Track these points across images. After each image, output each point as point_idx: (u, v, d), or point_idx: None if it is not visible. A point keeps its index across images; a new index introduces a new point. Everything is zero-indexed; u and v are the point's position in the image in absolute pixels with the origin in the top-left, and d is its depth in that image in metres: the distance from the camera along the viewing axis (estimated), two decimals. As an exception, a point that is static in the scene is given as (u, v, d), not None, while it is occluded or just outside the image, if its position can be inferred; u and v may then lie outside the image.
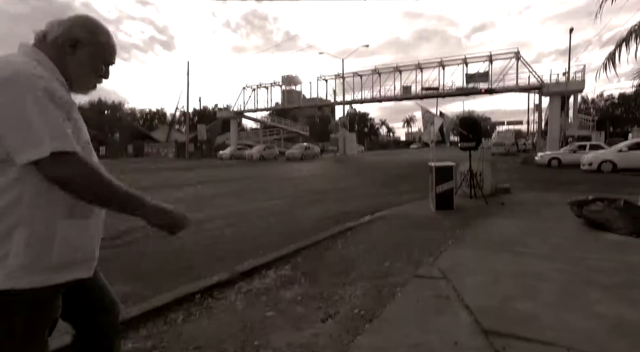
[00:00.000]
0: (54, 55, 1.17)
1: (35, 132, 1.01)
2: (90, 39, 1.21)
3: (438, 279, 3.32)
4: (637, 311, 2.64)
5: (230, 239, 5.46)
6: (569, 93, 31.66)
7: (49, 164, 1.02)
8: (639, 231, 4.58)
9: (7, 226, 1.06)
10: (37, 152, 1.01)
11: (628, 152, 16.14)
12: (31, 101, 1.02)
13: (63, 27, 1.18)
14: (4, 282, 1.06)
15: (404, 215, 6.45)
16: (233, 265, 3.93)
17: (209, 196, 10.19)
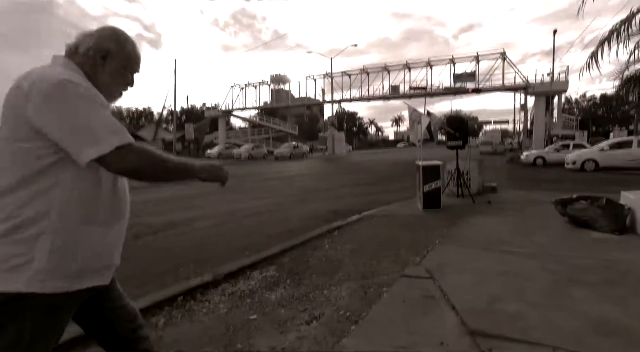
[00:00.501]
0: (85, 66, 1.23)
1: (94, 131, 1.07)
2: (118, 50, 1.27)
3: (424, 278, 3.29)
4: (620, 310, 2.65)
5: (217, 239, 5.37)
6: (553, 93, 32.22)
7: (115, 157, 1.08)
8: (620, 229, 4.64)
9: (34, 232, 1.09)
10: (101, 148, 1.07)
11: (609, 151, 16.49)
12: (82, 104, 1.09)
13: (93, 39, 1.24)
14: (26, 286, 1.08)
15: (391, 214, 6.44)
16: (218, 266, 3.86)
17: (195, 195, 10.03)
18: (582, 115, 48.54)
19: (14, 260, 1.08)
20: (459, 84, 34.66)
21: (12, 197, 1.09)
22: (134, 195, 1.32)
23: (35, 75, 1.10)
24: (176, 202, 8.78)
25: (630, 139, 17.19)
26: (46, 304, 1.12)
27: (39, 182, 1.10)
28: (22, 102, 1.07)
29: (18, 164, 1.10)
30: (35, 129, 1.07)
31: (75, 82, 1.12)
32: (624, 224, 4.67)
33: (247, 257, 4.17)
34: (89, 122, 1.08)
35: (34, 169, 1.09)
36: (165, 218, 6.79)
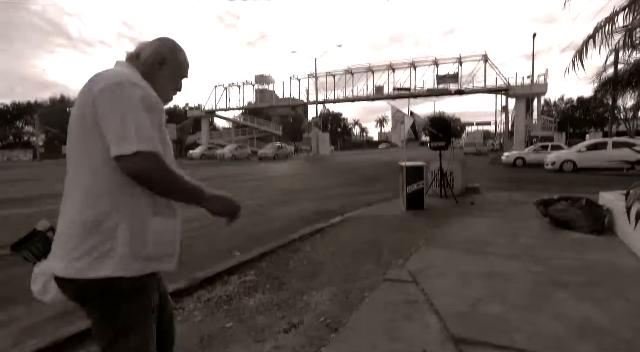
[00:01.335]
0: (145, 71, 1.36)
1: (125, 131, 1.14)
2: (173, 57, 1.42)
3: (407, 282, 3.22)
4: (601, 311, 2.63)
5: (196, 242, 5.19)
6: (533, 95, 32.91)
7: (129, 160, 1.14)
8: (599, 229, 4.68)
9: (113, 223, 1.19)
10: (123, 148, 1.14)
11: (587, 152, 16.91)
12: (129, 105, 1.17)
13: (153, 48, 1.39)
14: (114, 271, 1.18)
15: (374, 215, 6.37)
16: (196, 270, 3.71)
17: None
18: (560, 117, 49.82)
19: (100, 249, 1.18)
20: (442, 85, 35.08)
21: (90, 192, 1.19)
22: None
23: (101, 75, 1.23)
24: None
25: (606, 141, 17.67)
26: (133, 286, 1.23)
27: (112, 177, 1.19)
28: (90, 100, 1.18)
29: (91, 160, 1.20)
30: (97, 124, 1.18)
31: (133, 82, 1.23)
32: (602, 225, 4.71)
33: (226, 261, 4.04)
34: (125, 121, 1.16)
35: (105, 165, 1.19)
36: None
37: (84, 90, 1.22)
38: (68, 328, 2.54)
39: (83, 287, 1.19)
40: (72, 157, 1.25)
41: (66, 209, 1.24)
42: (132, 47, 1.45)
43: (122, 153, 1.14)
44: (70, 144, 1.25)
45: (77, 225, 1.19)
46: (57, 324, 2.74)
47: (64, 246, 1.20)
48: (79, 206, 1.20)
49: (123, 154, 1.14)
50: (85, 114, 1.19)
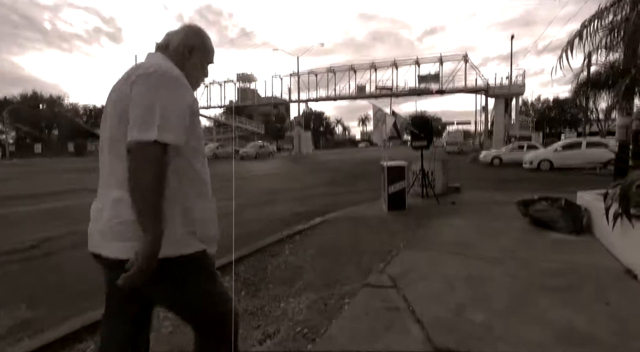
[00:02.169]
0: (176, 60, 1.38)
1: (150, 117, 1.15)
2: (200, 45, 1.44)
3: (388, 288, 3.11)
4: (584, 317, 2.58)
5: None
6: (511, 95, 33.61)
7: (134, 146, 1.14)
8: (578, 229, 4.69)
9: (169, 207, 1.22)
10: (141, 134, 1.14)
11: (562, 151, 17.33)
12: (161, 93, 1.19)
13: (181, 37, 1.42)
14: (176, 249, 1.24)
15: (355, 216, 6.27)
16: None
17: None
18: (537, 117, 51.06)
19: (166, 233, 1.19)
20: (424, 85, 35.43)
21: None
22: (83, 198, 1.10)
23: (141, 65, 1.27)
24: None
25: (580, 141, 18.16)
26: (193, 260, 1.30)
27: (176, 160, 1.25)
28: (128, 88, 1.21)
29: None
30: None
31: (176, 75, 1.27)
32: (581, 225, 4.72)
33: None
34: (149, 108, 1.16)
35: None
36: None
37: (124, 78, 1.26)
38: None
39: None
40: (114, 142, 1.25)
41: (117, 194, 1.23)
42: (108, 43, 1.43)
43: (140, 139, 1.14)
44: (110, 130, 1.27)
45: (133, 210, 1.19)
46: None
47: (123, 230, 1.21)
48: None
49: (141, 140, 1.14)
50: (123, 101, 1.22)
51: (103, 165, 1.33)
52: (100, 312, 2.70)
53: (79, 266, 4.17)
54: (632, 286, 3.14)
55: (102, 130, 1.34)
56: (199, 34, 1.46)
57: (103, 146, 1.33)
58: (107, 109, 1.31)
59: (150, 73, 1.21)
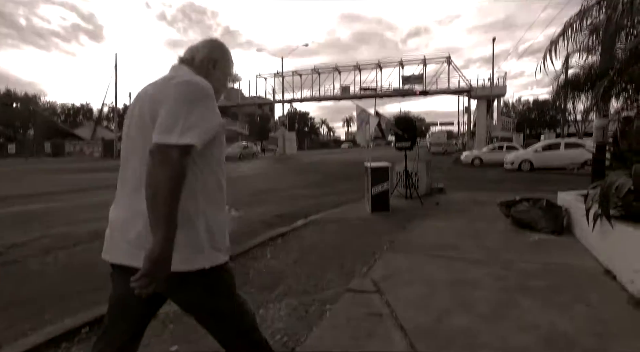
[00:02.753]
0: (201, 72, 1.41)
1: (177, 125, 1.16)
2: (223, 58, 1.50)
3: (371, 292, 3.04)
4: (566, 319, 2.57)
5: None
6: (493, 97, 34.19)
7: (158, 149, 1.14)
8: (559, 229, 4.74)
9: (196, 220, 1.26)
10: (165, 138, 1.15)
11: (542, 152, 17.70)
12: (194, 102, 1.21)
13: (206, 51, 1.47)
14: (197, 262, 1.26)
15: (339, 218, 6.20)
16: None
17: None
18: (518, 119, 52.08)
19: (186, 243, 1.23)
20: (408, 86, 35.70)
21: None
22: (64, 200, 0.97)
23: (178, 78, 1.29)
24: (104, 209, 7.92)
25: (559, 142, 18.58)
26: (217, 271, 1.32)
27: (198, 175, 1.28)
28: (163, 100, 1.23)
29: None
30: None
31: (201, 82, 1.28)
32: (562, 225, 4.77)
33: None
34: (180, 115, 1.18)
35: (194, 165, 1.24)
36: (92, 226, 6.03)
37: (157, 87, 1.30)
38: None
39: (177, 277, 1.23)
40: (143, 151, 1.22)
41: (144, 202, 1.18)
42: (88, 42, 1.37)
43: (158, 141, 1.15)
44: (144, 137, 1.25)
45: None
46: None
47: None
48: None
49: (159, 142, 1.15)
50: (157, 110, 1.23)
51: (129, 172, 1.32)
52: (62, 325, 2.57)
53: (48, 274, 3.98)
54: (611, 286, 3.16)
55: (129, 138, 1.35)
56: (221, 48, 1.53)
57: (129, 154, 1.34)
58: (133, 116, 1.33)
59: (183, 82, 1.26)
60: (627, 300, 2.86)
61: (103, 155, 39.93)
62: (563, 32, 4.72)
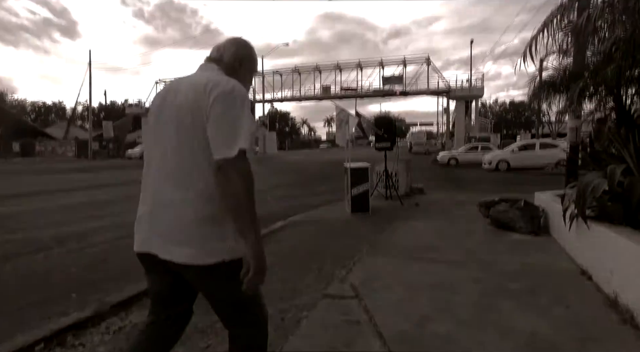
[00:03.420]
0: (229, 71, 1.46)
1: (237, 136, 1.23)
2: (249, 56, 1.54)
3: (349, 298, 2.95)
4: (545, 322, 2.54)
5: (117, 257, 4.55)
6: (471, 98, 34.80)
7: (228, 162, 1.21)
8: (536, 230, 4.77)
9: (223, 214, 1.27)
10: (231, 151, 1.21)
11: (519, 152, 18.12)
12: (242, 112, 1.28)
13: (233, 49, 1.51)
14: (228, 253, 1.30)
15: (318, 219, 6.10)
16: (112, 292, 3.19)
17: (103, 202, 8.87)
18: (495, 119, 53.30)
19: (217, 236, 1.29)
20: (388, 86, 35.95)
21: (207, 178, 1.26)
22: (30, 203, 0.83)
23: (214, 80, 1.31)
24: (81, 210, 7.60)
25: (534, 142, 19.06)
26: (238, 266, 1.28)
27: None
28: (206, 101, 1.25)
29: (204, 153, 1.26)
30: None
31: (242, 90, 1.33)
32: (539, 225, 4.80)
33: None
34: (235, 126, 1.24)
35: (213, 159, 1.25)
36: (56, 231, 5.74)
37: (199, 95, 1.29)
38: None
39: (206, 268, 1.29)
40: (179, 145, 1.30)
41: (179, 195, 1.29)
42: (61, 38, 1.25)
43: (224, 156, 1.21)
44: (177, 133, 1.31)
45: (198, 216, 1.28)
46: None
47: (186, 235, 1.29)
48: (197, 200, 1.28)
49: (226, 157, 1.20)
50: (202, 115, 1.26)
51: (156, 167, 1.37)
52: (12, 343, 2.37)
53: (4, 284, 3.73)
54: (587, 287, 3.17)
55: (155, 134, 1.39)
56: (247, 46, 1.56)
57: (155, 150, 1.38)
58: (162, 114, 1.37)
59: (229, 92, 1.28)
60: (604, 301, 2.86)
61: (77, 156, 38.63)
62: (543, 28, 4.75)
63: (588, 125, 6.33)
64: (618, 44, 3.87)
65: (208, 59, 1.51)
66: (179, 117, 1.31)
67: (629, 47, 3.95)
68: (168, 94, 1.39)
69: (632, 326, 2.47)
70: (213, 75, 1.38)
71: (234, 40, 1.55)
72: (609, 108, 5.38)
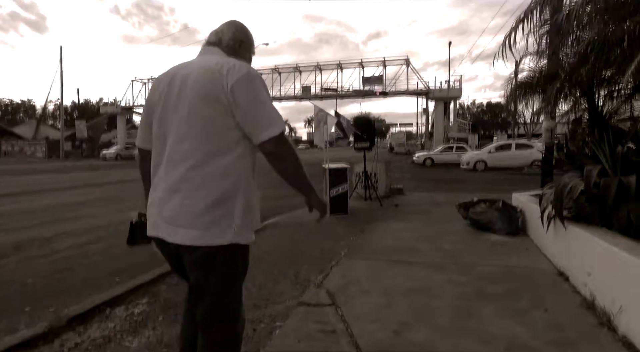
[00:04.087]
0: (229, 53, 1.51)
1: (270, 116, 1.35)
2: (246, 38, 1.60)
3: (325, 305, 2.82)
4: (524, 327, 2.48)
5: (82, 265, 4.30)
6: (449, 99, 35.30)
7: (276, 140, 1.33)
8: (514, 230, 4.77)
9: (236, 197, 1.35)
10: (272, 131, 1.32)
11: (496, 153, 18.49)
12: (265, 93, 1.37)
13: (231, 32, 1.56)
14: (233, 237, 1.34)
15: (296, 222, 5.95)
16: (72, 303, 2.96)
17: (73, 205, 8.48)
18: (473, 120, 54.32)
19: (225, 220, 1.33)
20: (368, 86, 36.05)
21: (218, 161, 1.32)
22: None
23: (227, 64, 1.35)
24: (47, 214, 7.21)
25: (510, 143, 19.49)
26: (245, 249, 1.43)
27: (235, 151, 1.35)
28: (222, 84, 1.30)
29: (218, 136, 1.33)
30: (230, 107, 1.31)
31: (254, 71, 1.40)
32: (517, 226, 4.81)
33: (114, 288, 3.32)
34: (268, 108, 1.35)
35: (232, 141, 1.35)
36: (16, 237, 5.41)
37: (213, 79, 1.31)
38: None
39: (209, 251, 1.33)
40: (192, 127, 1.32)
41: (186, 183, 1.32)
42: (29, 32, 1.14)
43: (272, 135, 1.31)
44: (188, 115, 1.33)
45: (207, 200, 1.31)
46: None
47: (192, 218, 1.31)
48: (207, 184, 1.31)
49: (273, 136, 1.31)
50: (218, 98, 1.30)
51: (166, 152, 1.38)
52: None
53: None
54: (565, 289, 3.15)
55: (162, 120, 1.40)
56: (244, 29, 1.59)
57: (163, 136, 1.40)
58: (169, 100, 1.39)
59: (246, 75, 1.33)
60: (581, 303, 2.84)
61: (48, 156, 37.20)
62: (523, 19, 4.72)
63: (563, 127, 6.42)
64: (594, 44, 3.88)
65: (207, 43, 1.54)
66: (191, 102, 1.32)
67: (603, 48, 3.97)
68: (173, 80, 1.40)
69: (609, 329, 2.43)
70: (221, 58, 1.42)
71: (230, 23, 1.59)
72: (583, 109, 5.45)
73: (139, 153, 1.61)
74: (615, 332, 2.38)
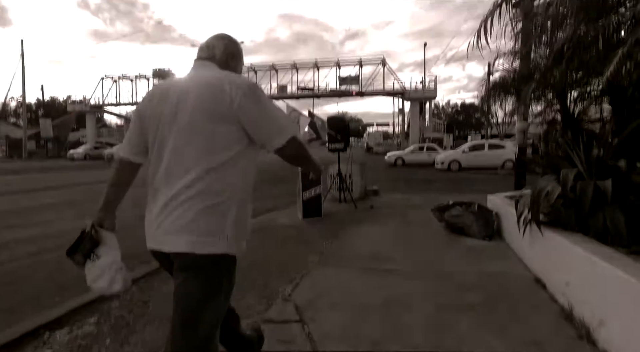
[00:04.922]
0: (222, 67, 1.54)
1: (280, 123, 1.43)
2: (237, 51, 1.63)
3: (292, 322, 2.59)
4: (503, 342, 2.34)
5: (34, 275, 3.92)
6: (425, 99, 35.78)
7: (290, 144, 1.41)
8: (490, 234, 4.68)
9: (227, 207, 1.37)
10: (284, 137, 1.41)
11: (469, 153, 18.73)
12: (268, 102, 1.42)
13: (223, 46, 1.59)
14: (225, 248, 1.37)
15: (267, 226, 5.70)
16: (11, 323, 2.63)
17: (32, 209, 7.91)
18: (447, 121, 55.34)
19: (216, 229, 1.35)
20: (344, 86, 36.09)
21: (215, 175, 1.35)
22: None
23: (228, 78, 1.40)
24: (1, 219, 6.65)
25: (483, 143, 19.81)
26: (232, 262, 1.43)
27: (234, 166, 1.38)
28: (227, 100, 1.33)
29: (218, 152, 1.35)
30: (235, 120, 1.35)
31: (252, 82, 1.47)
32: (493, 230, 4.72)
33: (59, 307, 2.98)
34: (276, 116, 1.42)
35: (231, 153, 1.37)
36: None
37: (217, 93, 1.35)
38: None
39: (198, 260, 1.34)
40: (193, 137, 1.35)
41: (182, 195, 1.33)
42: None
43: (285, 141, 1.40)
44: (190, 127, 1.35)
45: (203, 211, 1.33)
46: None
47: (184, 225, 1.33)
48: (203, 195, 1.33)
49: (285, 141, 1.40)
50: (223, 115, 1.34)
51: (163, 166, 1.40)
52: None
53: None
54: (542, 296, 3.05)
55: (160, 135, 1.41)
56: (232, 41, 1.62)
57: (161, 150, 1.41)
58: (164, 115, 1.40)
59: (248, 88, 1.37)
60: (559, 313, 2.73)
61: (8, 156, 35.32)
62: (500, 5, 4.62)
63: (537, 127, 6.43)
64: (569, 44, 3.81)
65: (200, 58, 1.56)
66: (193, 118, 1.34)
67: (576, 49, 3.92)
68: (169, 95, 1.41)
69: (589, 341, 2.32)
70: (218, 73, 1.46)
71: (219, 36, 1.62)
72: (555, 110, 5.45)
73: (119, 163, 1.58)
74: (595, 346, 2.27)
